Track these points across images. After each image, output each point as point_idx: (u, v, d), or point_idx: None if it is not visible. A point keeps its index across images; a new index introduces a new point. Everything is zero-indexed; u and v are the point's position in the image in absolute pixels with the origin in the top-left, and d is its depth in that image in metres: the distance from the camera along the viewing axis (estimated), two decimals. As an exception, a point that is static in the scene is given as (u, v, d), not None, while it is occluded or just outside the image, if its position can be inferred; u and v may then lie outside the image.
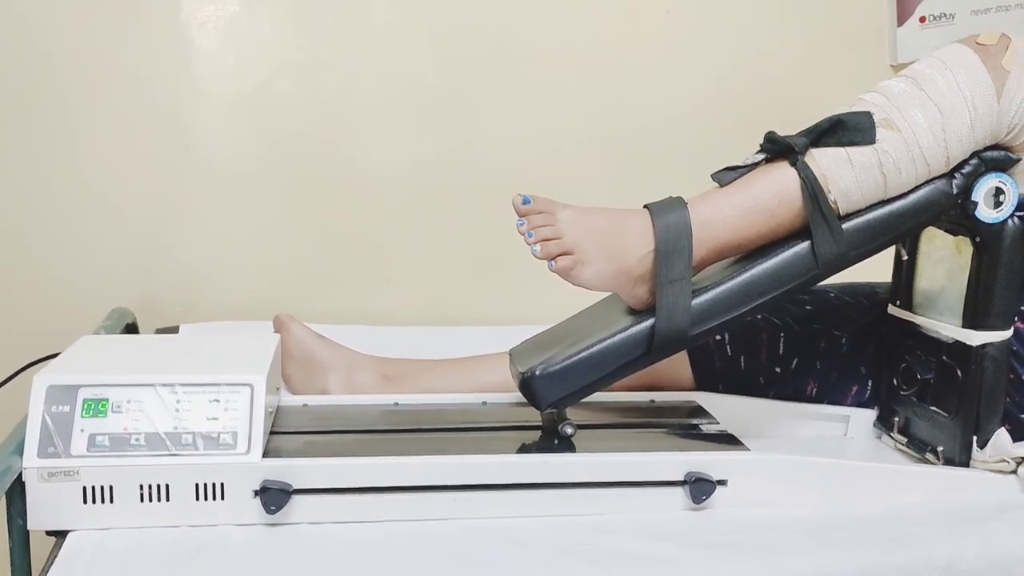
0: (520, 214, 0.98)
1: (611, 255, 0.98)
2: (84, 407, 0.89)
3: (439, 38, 1.56)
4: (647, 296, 1.00)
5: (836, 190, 0.98)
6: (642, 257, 0.98)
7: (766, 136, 1.01)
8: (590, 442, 1.01)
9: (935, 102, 0.97)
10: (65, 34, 1.47)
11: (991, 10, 1.65)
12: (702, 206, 0.99)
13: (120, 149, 1.50)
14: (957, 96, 0.96)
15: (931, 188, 1.00)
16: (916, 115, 0.97)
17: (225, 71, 1.52)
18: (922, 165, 0.98)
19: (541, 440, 1.02)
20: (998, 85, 0.96)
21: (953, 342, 1.04)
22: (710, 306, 0.99)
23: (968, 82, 0.96)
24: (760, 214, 0.99)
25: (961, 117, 0.96)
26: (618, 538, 0.90)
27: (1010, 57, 0.97)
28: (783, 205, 0.99)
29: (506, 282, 1.54)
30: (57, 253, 1.50)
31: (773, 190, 0.99)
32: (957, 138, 0.97)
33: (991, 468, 1.03)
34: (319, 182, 1.55)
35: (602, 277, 0.98)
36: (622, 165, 1.62)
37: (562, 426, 1.01)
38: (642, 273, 0.99)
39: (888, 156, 0.97)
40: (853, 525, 0.94)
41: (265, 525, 0.90)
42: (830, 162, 0.98)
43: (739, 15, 1.63)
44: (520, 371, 1.00)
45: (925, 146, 0.97)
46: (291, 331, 1.22)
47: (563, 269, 0.97)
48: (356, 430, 1.04)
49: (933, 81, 0.97)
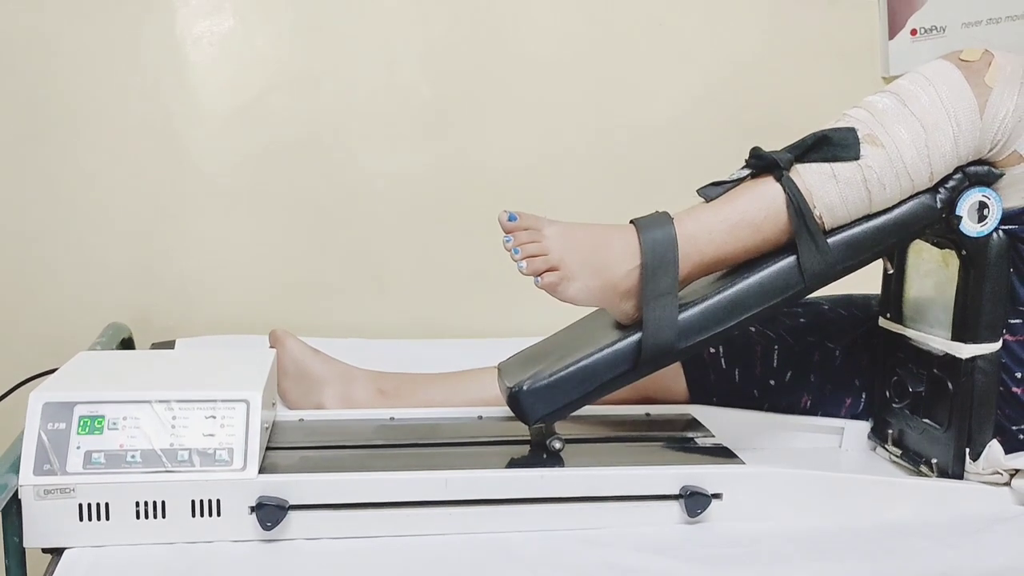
0: (506, 230, 0.98)
1: (597, 270, 0.98)
2: (80, 424, 0.90)
3: (433, 51, 1.57)
4: (634, 311, 1.00)
5: (821, 205, 0.99)
6: (628, 272, 0.99)
7: (751, 151, 1.02)
8: (586, 456, 1.01)
9: (918, 118, 0.98)
10: (61, 49, 1.47)
11: (982, 22, 1.66)
12: (688, 221, 1.00)
13: (116, 163, 1.50)
14: (940, 112, 0.97)
15: (915, 203, 1.01)
16: (900, 131, 0.98)
17: (220, 85, 1.53)
18: (906, 180, 0.98)
19: (536, 454, 1.02)
20: (981, 101, 0.97)
21: (943, 355, 1.05)
22: (697, 321, 0.99)
23: (951, 98, 0.97)
24: (746, 229, 1.00)
25: (944, 133, 0.97)
26: (614, 552, 0.90)
27: (992, 73, 0.98)
28: (769, 220, 0.99)
29: (501, 294, 1.54)
30: (52, 268, 1.50)
31: (758, 205, 0.99)
32: (940, 154, 0.98)
33: (984, 480, 1.03)
34: (314, 195, 1.56)
35: (588, 292, 0.99)
36: (616, 176, 1.62)
37: (550, 441, 1.01)
38: (628, 288, 0.99)
39: (872, 172, 0.98)
40: (848, 537, 0.94)
41: (261, 541, 0.90)
42: (815, 177, 0.99)
43: (732, 27, 1.63)
44: (508, 386, 1.00)
45: (909, 162, 0.98)
46: (286, 346, 1.22)
47: (549, 285, 0.98)
48: (352, 445, 1.04)
49: (917, 97, 0.98)
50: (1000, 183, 1.00)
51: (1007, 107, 0.97)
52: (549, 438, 1.01)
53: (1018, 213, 1.01)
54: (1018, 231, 1.02)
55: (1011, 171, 1.00)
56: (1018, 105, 0.97)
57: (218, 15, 1.51)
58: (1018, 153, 0.99)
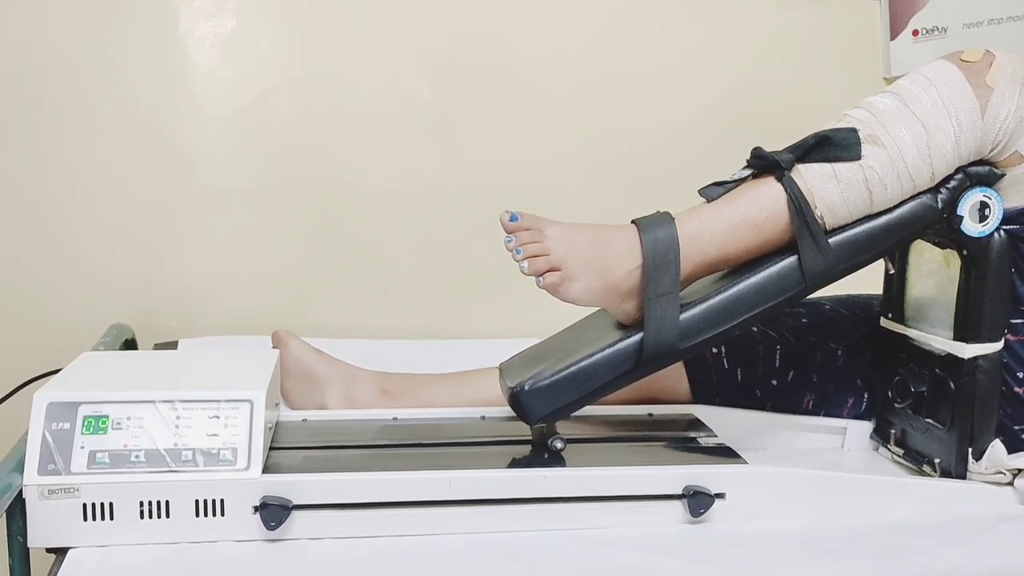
0: (508, 231, 0.98)
1: (598, 270, 0.98)
2: (84, 424, 0.90)
3: (435, 53, 1.57)
4: (635, 311, 1.00)
5: (822, 205, 0.99)
6: (630, 272, 0.99)
7: (753, 152, 1.02)
8: (589, 456, 1.02)
9: (920, 119, 0.98)
10: (62, 50, 1.47)
11: (983, 23, 1.66)
12: (689, 221, 1.00)
13: (119, 164, 1.50)
14: (942, 113, 0.97)
15: (917, 203, 1.01)
16: (901, 131, 0.98)
17: (222, 87, 1.53)
18: (907, 180, 0.99)
19: (539, 454, 1.02)
20: (982, 102, 0.97)
21: (945, 355, 1.05)
22: (698, 321, 0.99)
23: (952, 99, 0.97)
24: (747, 229, 1.00)
25: (946, 133, 0.97)
26: (617, 552, 0.90)
27: (994, 74, 0.98)
28: (770, 220, 0.99)
29: (503, 295, 1.54)
30: (55, 269, 1.50)
31: (760, 205, 1.00)
32: (942, 154, 0.98)
33: (987, 480, 1.03)
34: (316, 196, 1.56)
35: (590, 292, 0.99)
36: (619, 178, 1.62)
37: (552, 440, 1.01)
38: (630, 288, 0.99)
39: (873, 172, 0.98)
40: (851, 537, 0.94)
41: (265, 541, 0.90)
42: (816, 178, 0.99)
43: (734, 29, 1.64)
44: (509, 386, 1.00)
45: (910, 162, 0.98)
46: (289, 347, 1.22)
47: (551, 285, 0.98)
48: (355, 445, 1.04)
49: (918, 98, 0.98)
50: (1001, 183, 1.01)
51: (1008, 107, 0.97)
52: (550, 438, 1.01)
53: (1019, 213, 1.01)
54: (1019, 231, 1.02)
55: (1012, 171, 1.00)
56: (1019, 105, 0.97)
57: (221, 16, 1.51)
58: (1019, 153, 0.99)
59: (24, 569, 0.88)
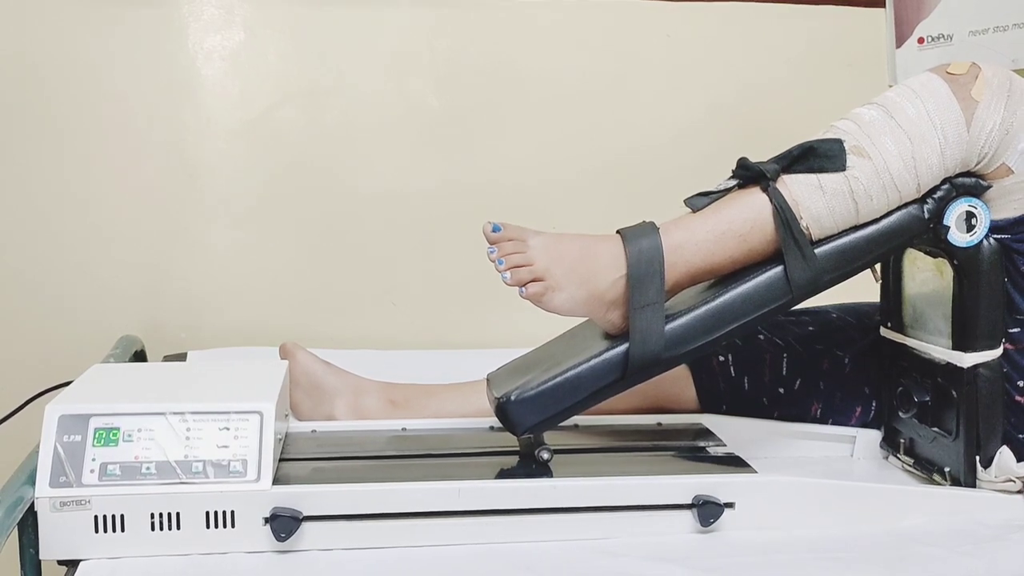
0: (490, 241, 0.99)
1: (583, 280, 0.98)
2: (95, 436, 0.90)
3: (440, 64, 1.58)
4: (620, 321, 1.00)
5: (808, 216, 0.99)
6: (614, 282, 0.99)
7: (738, 162, 1.02)
8: (598, 466, 1.02)
9: (905, 130, 0.98)
10: (71, 65, 1.48)
11: (989, 30, 1.66)
12: (675, 231, 1.00)
13: (128, 176, 1.51)
14: (927, 124, 0.97)
15: (903, 213, 1.01)
16: (886, 142, 0.98)
17: (230, 99, 1.54)
18: (893, 192, 0.99)
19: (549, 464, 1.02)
20: (968, 115, 0.97)
21: (945, 363, 1.05)
22: (684, 331, 0.99)
23: (937, 110, 0.97)
24: (733, 239, 1.00)
25: (931, 145, 0.97)
26: (627, 561, 0.90)
27: (979, 87, 0.98)
28: (755, 231, 0.99)
29: (510, 305, 1.54)
30: (64, 282, 1.51)
31: (745, 216, 1.00)
32: (927, 166, 0.98)
33: (997, 488, 1.03)
34: (323, 208, 1.57)
35: (574, 303, 0.99)
36: (625, 187, 1.63)
37: (539, 451, 1.00)
38: (615, 298, 0.99)
39: (859, 183, 0.98)
40: (861, 546, 0.94)
41: (275, 552, 0.90)
42: (801, 188, 0.99)
43: (740, 37, 1.64)
44: (496, 396, 1.00)
45: (895, 173, 0.98)
46: (297, 359, 1.22)
47: (533, 295, 0.98)
48: (364, 456, 1.04)
49: (903, 109, 0.98)
50: (989, 195, 1.00)
51: (994, 120, 0.97)
52: (537, 448, 1.00)
53: (1009, 224, 1.01)
54: (1010, 241, 1.01)
55: (1000, 183, 0.99)
56: (1005, 118, 0.97)
57: (229, 29, 1.52)
58: (1006, 165, 0.98)
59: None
